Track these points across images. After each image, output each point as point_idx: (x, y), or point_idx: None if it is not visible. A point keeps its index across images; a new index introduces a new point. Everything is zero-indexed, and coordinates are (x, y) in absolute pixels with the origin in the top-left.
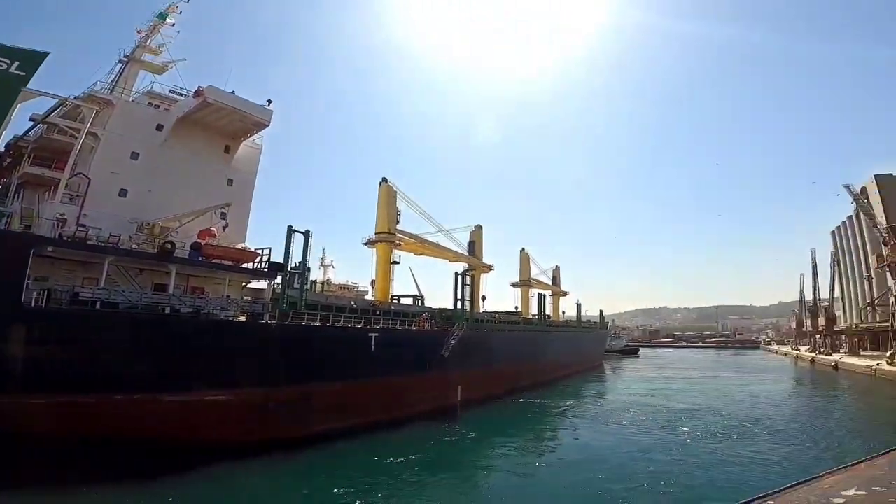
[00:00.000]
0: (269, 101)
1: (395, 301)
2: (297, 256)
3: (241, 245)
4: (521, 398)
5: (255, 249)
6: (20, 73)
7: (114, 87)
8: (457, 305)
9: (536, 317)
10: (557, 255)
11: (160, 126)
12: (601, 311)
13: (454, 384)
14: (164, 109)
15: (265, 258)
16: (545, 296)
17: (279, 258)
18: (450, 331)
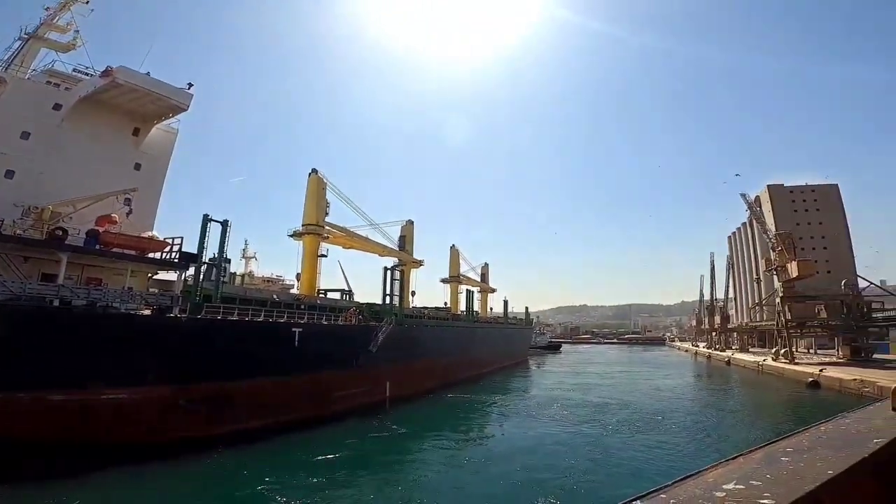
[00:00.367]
0: (190, 85)
1: (322, 295)
2: (218, 248)
3: (148, 233)
4: (451, 393)
5: (166, 238)
6: None
7: (9, 65)
8: (385, 300)
9: (465, 313)
10: (486, 253)
11: (58, 105)
12: (526, 309)
13: (383, 380)
14: (66, 89)
15: (176, 248)
16: (474, 292)
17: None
18: (378, 326)
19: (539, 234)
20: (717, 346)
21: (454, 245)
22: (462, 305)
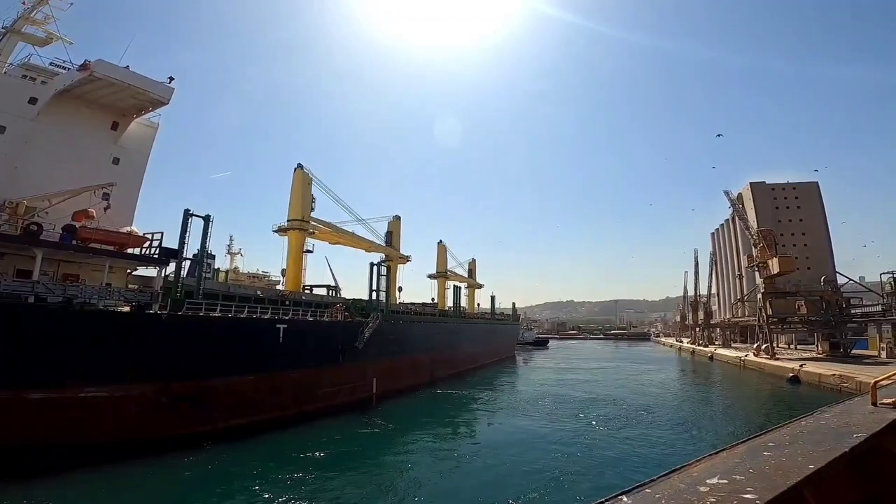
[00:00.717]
0: (171, 79)
1: (308, 291)
2: (200, 243)
3: (127, 228)
4: (438, 389)
5: (146, 234)
6: None
7: None
8: (372, 296)
9: (452, 309)
10: (474, 249)
11: (34, 99)
12: (514, 304)
13: (370, 376)
14: (43, 83)
15: (156, 243)
16: (461, 288)
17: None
18: (364, 322)
19: (526, 230)
20: (701, 342)
21: (441, 241)
22: (449, 301)
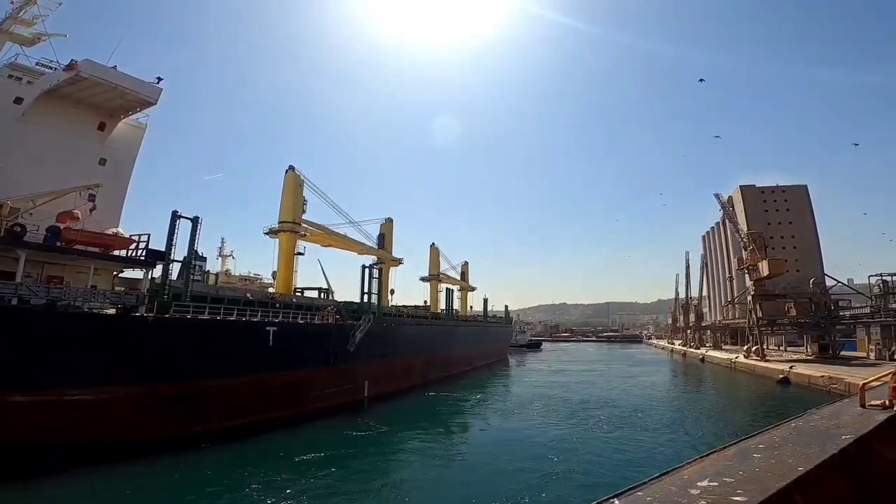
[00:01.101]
0: (159, 79)
1: (299, 293)
2: (188, 245)
3: (113, 230)
4: (431, 392)
5: (132, 235)
6: None
7: None
8: (363, 299)
9: (445, 311)
10: (467, 252)
11: (19, 99)
12: (506, 307)
13: (361, 379)
14: (29, 83)
15: (142, 245)
16: (454, 291)
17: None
18: (356, 325)
19: (519, 233)
20: (692, 344)
21: (434, 243)
22: (442, 304)
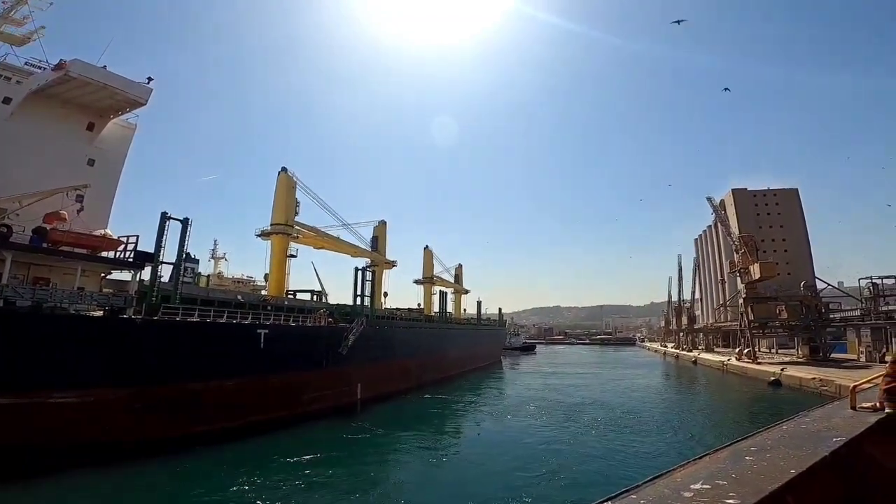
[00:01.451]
0: (150, 79)
1: (291, 296)
2: (178, 247)
3: (102, 231)
4: (425, 394)
5: (121, 237)
6: None
7: None
8: (356, 301)
9: (438, 314)
10: (461, 255)
11: (7, 99)
12: (500, 310)
13: (354, 381)
14: (17, 82)
15: (131, 247)
16: (447, 293)
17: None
18: (349, 327)
19: (514, 236)
20: (685, 347)
21: (428, 246)
22: (436, 307)
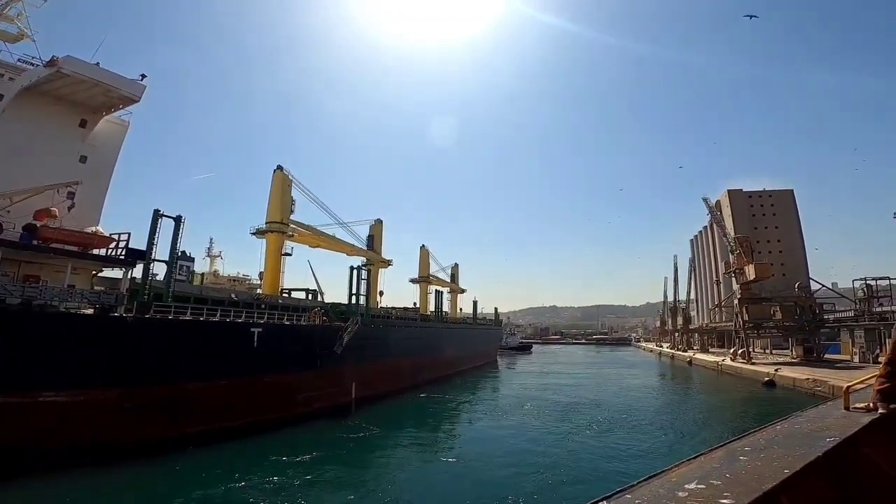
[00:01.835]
0: (143, 76)
1: (286, 295)
2: (171, 244)
3: (93, 228)
4: (420, 394)
5: (112, 234)
6: None
7: None
8: (352, 300)
9: (434, 313)
10: (457, 254)
11: None
12: (496, 309)
13: (348, 381)
14: (10, 79)
15: (122, 244)
16: (443, 293)
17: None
18: (343, 326)
19: (509, 235)
20: (680, 347)
21: (424, 245)
22: (432, 306)
